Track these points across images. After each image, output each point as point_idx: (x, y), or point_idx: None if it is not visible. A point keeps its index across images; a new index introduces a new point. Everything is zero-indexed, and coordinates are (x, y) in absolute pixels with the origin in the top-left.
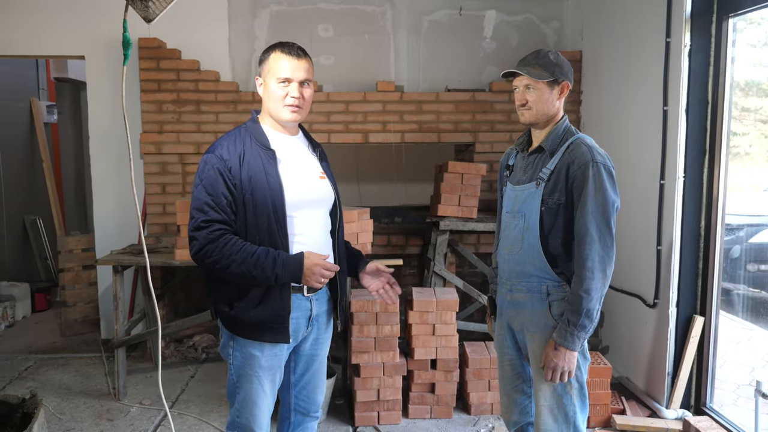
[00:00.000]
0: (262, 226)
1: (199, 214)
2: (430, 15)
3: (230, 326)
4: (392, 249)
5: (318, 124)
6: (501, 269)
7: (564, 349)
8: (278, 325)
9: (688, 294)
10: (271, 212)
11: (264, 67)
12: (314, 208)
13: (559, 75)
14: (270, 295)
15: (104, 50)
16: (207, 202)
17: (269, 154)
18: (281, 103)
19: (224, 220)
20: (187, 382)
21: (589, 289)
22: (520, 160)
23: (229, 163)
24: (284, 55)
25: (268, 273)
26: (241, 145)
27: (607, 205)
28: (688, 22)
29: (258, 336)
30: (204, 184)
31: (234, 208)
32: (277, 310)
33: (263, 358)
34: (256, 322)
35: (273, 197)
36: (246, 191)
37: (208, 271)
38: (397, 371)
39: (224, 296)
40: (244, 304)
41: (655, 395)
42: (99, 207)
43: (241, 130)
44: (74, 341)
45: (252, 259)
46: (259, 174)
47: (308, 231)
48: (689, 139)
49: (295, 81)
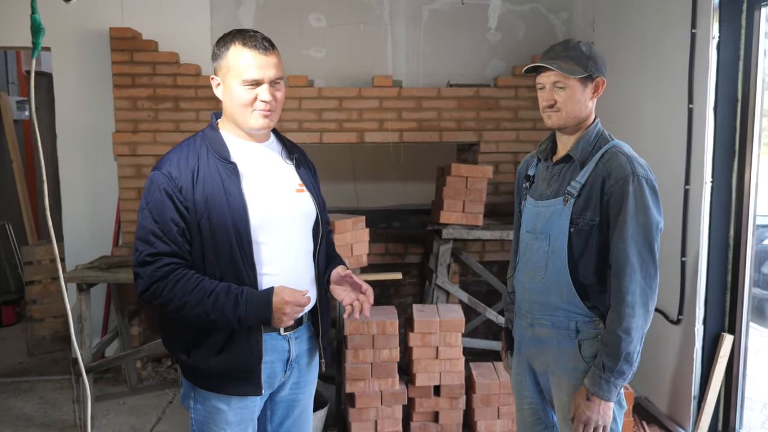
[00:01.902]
0: (222, 257)
1: (144, 246)
2: (430, 4)
3: (189, 376)
4: (390, 258)
5: (309, 122)
6: (520, 298)
7: (598, 400)
8: (247, 375)
9: (715, 310)
10: (233, 239)
11: (221, 65)
12: (290, 230)
13: (593, 70)
14: (235, 338)
15: (73, 41)
16: (153, 230)
17: (230, 168)
18: (248, 109)
19: (174, 252)
20: (164, 409)
21: (629, 329)
22: (542, 170)
23: (180, 181)
24: (248, 51)
25: (229, 316)
26: (195, 159)
27: (651, 227)
28: (716, 12)
29: (222, 388)
30: (150, 209)
31: (188, 236)
32: (244, 357)
33: (230, 413)
34: (220, 371)
35: (235, 220)
36: (201, 215)
37: (158, 313)
38: (396, 400)
39: (180, 341)
40: (204, 351)
41: (679, 419)
42: (69, 213)
43: (196, 140)
44: (42, 361)
45: (209, 300)
46: (217, 193)
47: (281, 259)
48: (717, 140)
49: (266, 82)
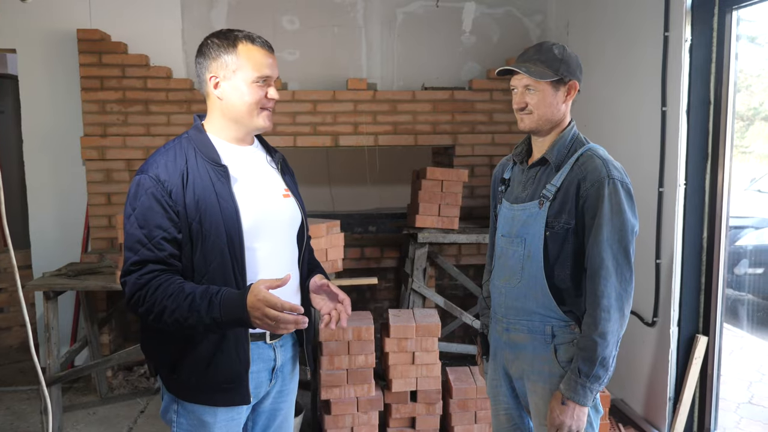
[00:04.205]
0: (212, 263)
1: (129, 255)
2: (404, 7)
3: (173, 390)
4: (366, 262)
5: (282, 125)
6: (496, 303)
7: (573, 404)
8: (235, 385)
9: (690, 311)
10: (224, 245)
11: (226, 62)
12: (278, 236)
13: (565, 73)
14: (223, 350)
15: (39, 43)
16: (138, 238)
17: (220, 171)
18: (257, 107)
19: (159, 258)
20: (136, 419)
21: (604, 333)
22: (518, 174)
23: (169, 185)
24: (259, 48)
25: (205, 319)
26: (183, 161)
27: (626, 231)
28: (689, 15)
29: (209, 400)
30: (136, 215)
31: (178, 241)
32: (233, 368)
33: (217, 426)
34: (207, 383)
35: (228, 225)
36: (192, 219)
37: (143, 323)
38: (372, 406)
39: (164, 356)
40: (191, 367)
41: (654, 421)
42: (36, 219)
43: (182, 142)
44: (9, 371)
45: (186, 303)
46: (208, 196)
47: (273, 265)
48: (691, 143)
49: (273, 80)
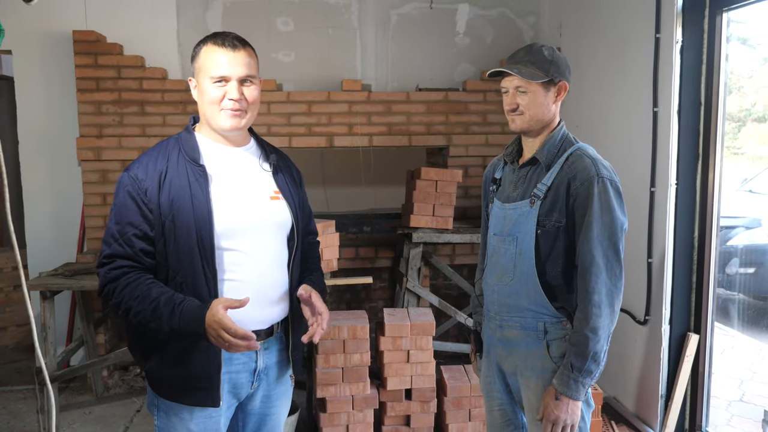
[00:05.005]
0: (184, 260)
1: (104, 247)
2: (399, 8)
3: (151, 384)
4: (361, 262)
5: (277, 126)
6: (489, 301)
7: (567, 399)
8: (205, 385)
9: (681, 310)
10: (194, 244)
11: (195, 65)
12: (260, 238)
13: (555, 74)
14: (195, 347)
15: (35, 44)
16: (113, 233)
17: (198, 171)
18: (217, 107)
19: (128, 254)
20: (132, 418)
21: (596, 328)
22: (509, 173)
23: (145, 184)
24: (217, 48)
25: (165, 326)
26: (164, 162)
27: (616, 228)
28: (680, 17)
29: (179, 397)
30: (115, 211)
31: (151, 239)
32: (203, 367)
33: (192, 422)
34: (178, 380)
35: (199, 225)
36: (166, 217)
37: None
38: (368, 404)
39: (140, 345)
40: (159, 361)
41: (646, 419)
42: (32, 220)
43: (169, 143)
44: (5, 371)
45: (150, 308)
46: (183, 196)
47: (248, 267)
48: (682, 143)
49: (234, 79)
